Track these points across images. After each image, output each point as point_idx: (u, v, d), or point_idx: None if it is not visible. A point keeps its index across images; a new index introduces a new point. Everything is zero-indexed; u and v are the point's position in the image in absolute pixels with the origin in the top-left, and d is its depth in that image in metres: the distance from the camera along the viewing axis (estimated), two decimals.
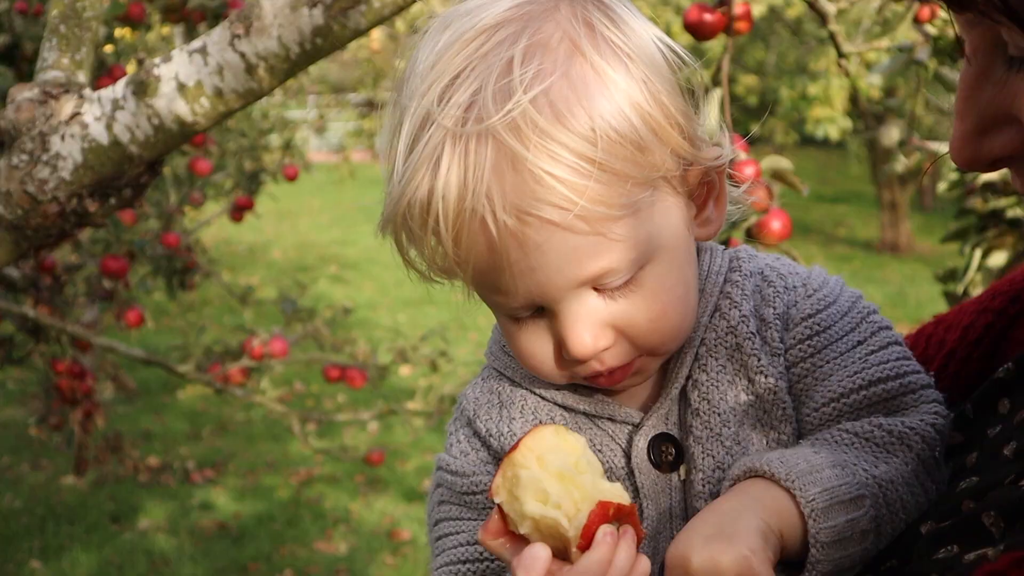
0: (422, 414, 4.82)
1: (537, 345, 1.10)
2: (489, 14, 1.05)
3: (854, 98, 11.36)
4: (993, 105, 0.90)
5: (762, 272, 1.16)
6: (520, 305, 1.07)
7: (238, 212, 6.57)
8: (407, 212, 1.04)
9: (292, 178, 7.24)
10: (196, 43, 1.86)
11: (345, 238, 15.79)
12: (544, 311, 1.08)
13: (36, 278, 4.82)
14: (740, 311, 1.13)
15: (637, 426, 1.15)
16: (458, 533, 1.17)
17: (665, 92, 1.06)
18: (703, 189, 1.14)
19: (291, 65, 1.83)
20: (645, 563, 0.98)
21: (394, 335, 9.09)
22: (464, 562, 1.16)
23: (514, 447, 0.99)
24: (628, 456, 1.15)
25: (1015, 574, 0.83)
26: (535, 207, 0.99)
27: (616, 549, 0.95)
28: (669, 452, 1.13)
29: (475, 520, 1.16)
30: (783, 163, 2.25)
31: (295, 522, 6.41)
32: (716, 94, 2.35)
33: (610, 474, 1.15)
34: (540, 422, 1.17)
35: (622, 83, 1.03)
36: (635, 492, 1.14)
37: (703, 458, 1.12)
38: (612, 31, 1.06)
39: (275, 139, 7.60)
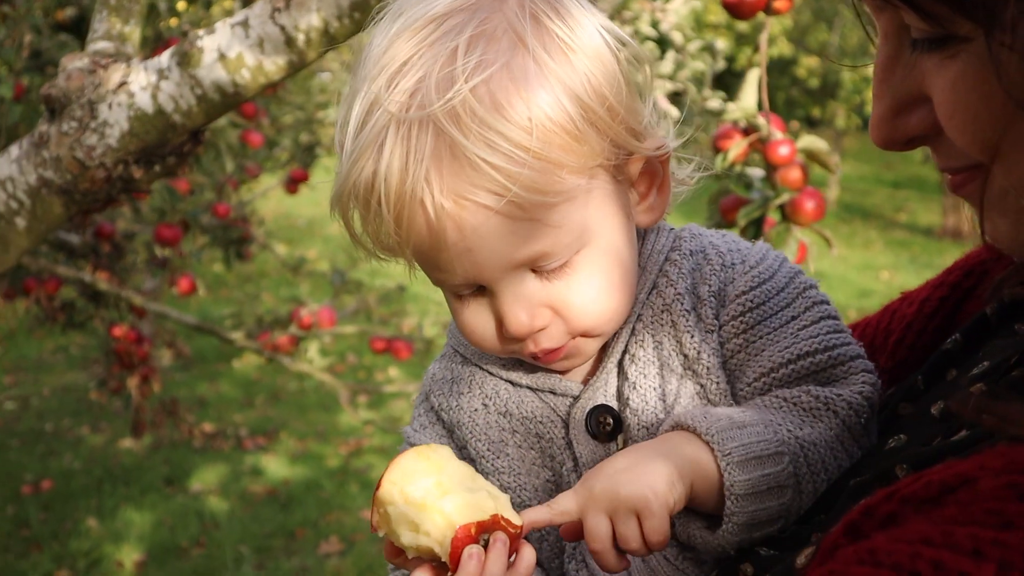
0: None
1: (478, 322, 1.14)
2: (440, 3, 1.08)
3: None
4: (905, 86, 0.93)
5: (704, 250, 1.19)
6: (460, 283, 1.11)
7: (293, 184, 6.65)
8: (353, 191, 1.08)
9: None
10: (238, 16, 1.91)
11: None
12: (484, 289, 1.11)
13: (96, 245, 4.95)
14: (675, 289, 1.16)
15: (576, 398, 1.19)
16: None
17: (607, 84, 1.08)
18: (645, 177, 1.17)
19: (329, 38, 1.87)
20: (528, 554, 1.01)
21: (447, 311, 9.13)
22: None
23: (378, 484, 1.02)
24: (567, 427, 1.19)
25: (887, 506, 0.85)
26: (471, 192, 1.02)
27: (485, 563, 0.98)
28: (607, 423, 1.17)
29: None
30: (818, 143, 2.25)
31: (342, 490, 6.52)
32: (754, 74, 2.35)
33: (551, 445, 1.20)
34: (486, 395, 1.22)
35: (563, 75, 1.06)
36: (574, 462, 1.19)
37: (638, 429, 1.16)
38: (557, 23, 1.08)
39: (332, 113, 7.67)
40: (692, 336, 1.15)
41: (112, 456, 7.10)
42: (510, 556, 1.00)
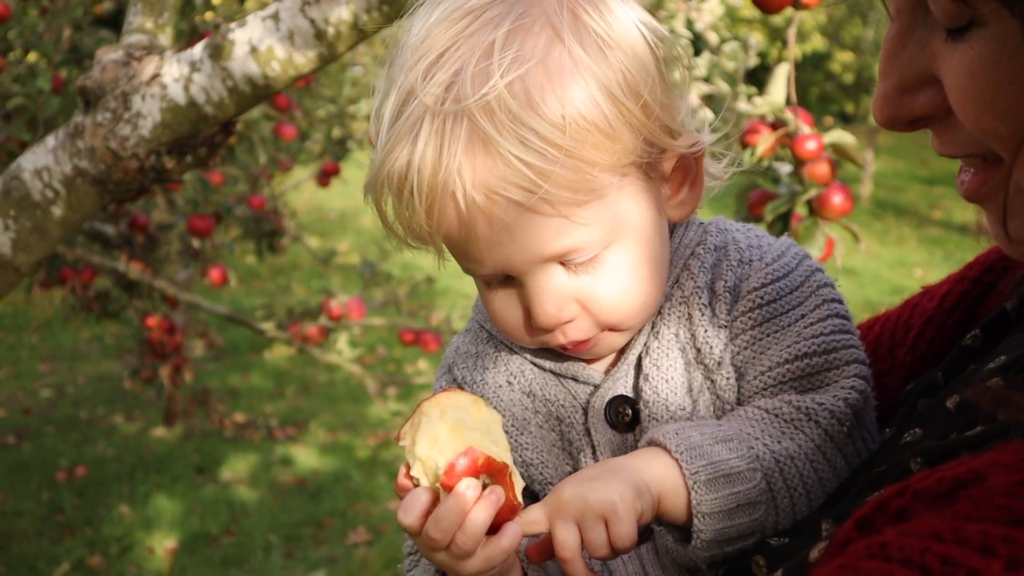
0: None
1: (508, 311, 1.15)
2: None
3: None
4: (914, 65, 0.91)
5: (726, 246, 1.19)
6: (490, 274, 1.12)
7: (325, 177, 6.70)
8: (387, 179, 1.09)
9: None
10: (270, 9, 1.94)
11: None
12: (514, 279, 1.12)
13: (130, 235, 5.01)
14: (695, 283, 1.17)
15: (597, 387, 1.20)
16: None
17: (643, 81, 1.08)
18: (679, 173, 1.17)
19: (359, 31, 1.89)
20: (512, 532, 1.01)
21: (474, 303, 9.16)
22: None
23: (428, 398, 1.05)
24: (587, 414, 1.20)
25: (898, 501, 0.86)
26: (502, 187, 1.03)
27: (476, 503, 0.99)
28: (626, 413, 1.18)
29: None
30: (846, 138, 2.24)
31: (371, 481, 6.56)
32: (782, 68, 2.35)
33: (571, 430, 1.21)
34: (511, 373, 1.24)
35: (598, 72, 1.06)
36: (592, 449, 1.20)
37: (648, 421, 1.17)
38: (594, 19, 1.08)
39: (364, 107, 7.71)
40: (706, 330, 1.15)
41: (145, 444, 7.19)
42: (498, 527, 1.01)
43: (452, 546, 0.99)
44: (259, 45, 1.90)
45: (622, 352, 1.20)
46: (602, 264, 1.10)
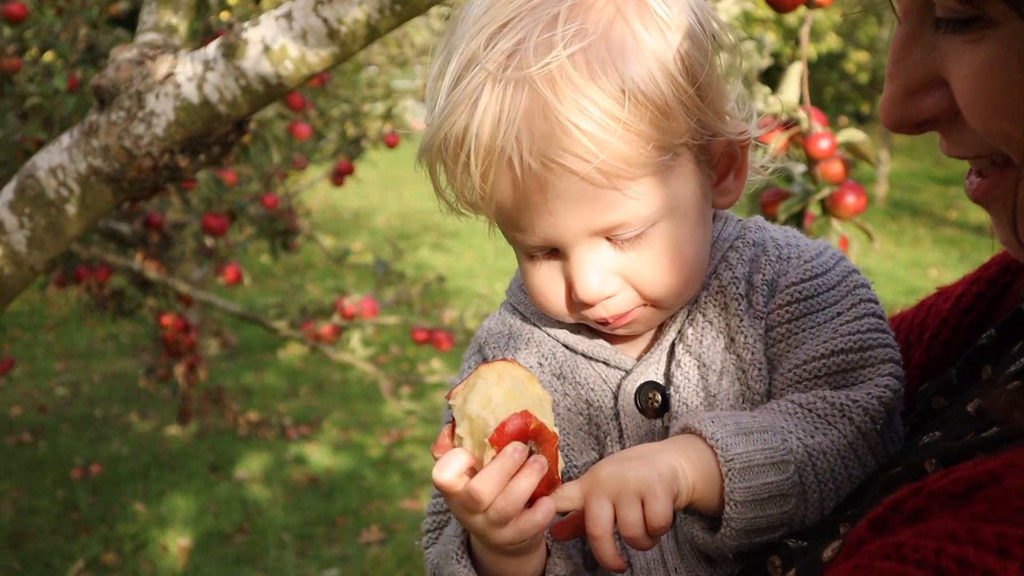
0: None
1: (549, 284, 1.16)
2: None
3: None
4: (922, 67, 0.91)
5: (764, 243, 1.20)
6: (536, 244, 1.13)
7: (339, 177, 6.72)
8: (443, 144, 1.10)
9: (392, 145, 7.36)
10: (283, 8, 1.94)
11: None
12: (558, 252, 1.14)
13: (145, 234, 5.04)
14: (733, 273, 1.18)
15: (628, 372, 1.21)
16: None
17: (699, 65, 1.10)
18: (725, 160, 1.19)
19: (371, 31, 1.90)
20: (547, 507, 1.01)
21: (490, 303, 9.21)
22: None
23: (487, 362, 1.05)
24: (616, 399, 1.21)
25: (913, 501, 0.85)
26: (559, 155, 1.05)
27: (521, 468, 0.99)
28: (655, 399, 1.19)
29: None
30: (859, 136, 2.24)
31: (384, 480, 6.57)
32: (795, 68, 2.34)
33: (599, 414, 1.21)
34: (542, 355, 1.24)
35: (658, 51, 1.08)
36: (619, 434, 1.21)
37: (679, 406, 1.17)
38: (657, 1, 1.10)
39: (379, 107, 7.73)
40: (741, 320, 1.16)
41: (159, 443, 7.22)
42: (533, 500, 1.00)
43: (491, 510, 0.99)
44: (272, 44, 1.91)
45: (655, 338, 1.22)
46: (648, 241, 1.11)
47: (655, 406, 1.19)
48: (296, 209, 6.29)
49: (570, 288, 1.15)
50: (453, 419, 1.04)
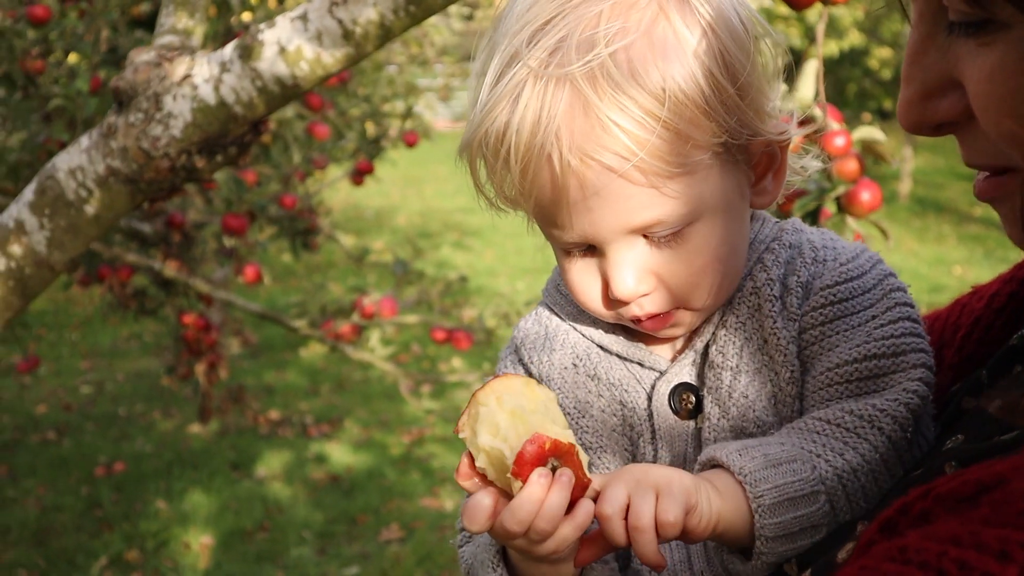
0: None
1: (586, 281, 1.17)
2: None
3: None
4: (937, 70, 0.91)
5: (800, 245, 1.20)
6: (574, 241, 1.14)
7: (359, 176, 6.74)
8: (484, 139, 1.11)
9: (412, 144, 7.38)
10: (298, 10, 1.95)
11: (468, 206, 15.90)
12: (595, 249, 1.14)
13: (166, 234, 5.07)
14: (768, 275, 1.18)
15: (662, 373, 1.21)
16: None
17: (740, 64, 1.11)
18: (764, 160, 1.19)
19: (385, 31, 1.91)
20: (586, 507, 1.01)
21: (509, 302, 9.21)
22: None
23: (481, 387, 1.05)
24: (650, 400, 1.21)
25: (921, 504, 0.85)
26: (598, 152, 1.05)
27: (549, 490, 0.99)
28: (689, 401, 1.19)
29: None
30: (875, 134, 2.23)
31: (404, 478, 6.60)
32: (811, 65, 2.33)
33: (633, 415, 1.22)
34: (577, 356, 1.25)
35: (700, 51, 1.09)
36: (652, 434, 1.21)
37: (711, 407, 1.18)
38: (700, 3, 1.11)
39: (398, 106, 7.75)
40: (775, 322, 1.16)
41: (181, 441, 7.27)
42: (571, 506, 1.01)
43: (530, 532, 1.00)
44: (288, 45, 1.92)
45: (689, 340, 1.22)
46: (684, 240, 1.12)
47: (689, 407, 1.19)
48: (316, 208, 6.32)
49: (607, 285, 1.15)
50: (469, 449, 1.05)
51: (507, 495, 1.01)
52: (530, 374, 1.27)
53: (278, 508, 6.19)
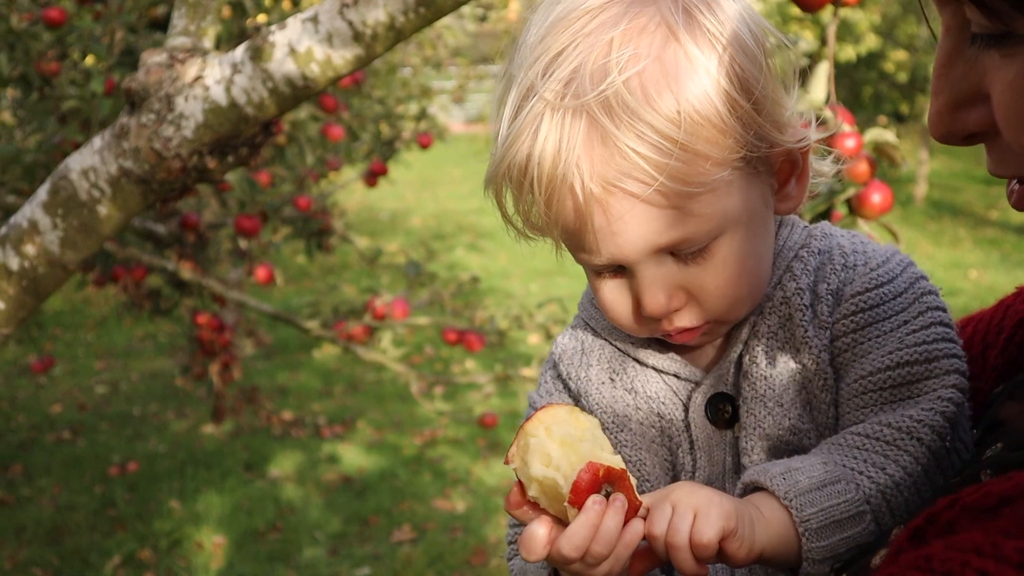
0: (535, 380, 4.93)
1: (618, 300, 1.19)
2: None
3: None
4: (965, 82, 0.92)
5: (830, 251, 1.21)
6: (603, 264, 1.15)
7: (372, 178, 6.76)
8: (507, 172, 1.13)
9: (426, 146, 7.40)
10: (309, 12, 1.97)
11: (482, 208, 15.90)
12: (625, 270, 1.15)
13: (181, 235, 5.10)
14: (797, 284, 1.18)
15: (698, 384, 1.23)
16: None
17: (754, 78, 1.11)
18: (786, 167, 1.19)
19: (396, 33, 1.92)
20: (637, 528, 1.03)
21: (521, 305, 9.21)
22: None
23: (528, 419, 1.07)
24: (687, 410, 1.23)
25: (948, 514, 0.86)
26: (619, 180, 1.07)
27: (604, 515, 1.01)
28: (726, 410, 1.21)
29: None
30: (887, 136, 2.22)
31: (416, 480, 6.60)
32: (823, 67, 2.33)
33: (671, 426, 1.24)
34: (614, 371, 1.27)
35: (712, 69, 1.09)
36: (691, 444, 1.23)
37: (747, 417, 1.19)
38: (708, 18, 1.12)
39: (412, 107, 7.77)
40: (806, 331, 1.17)
41: (195, 441, 7.30)
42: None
43: (586, 556, 1.02)
44: (298, 47, 1.93)
45: (723, 350, 1.23)
46: (711, 254, 1.13)
47: (726, 417, 1.21)
48: (331, 210, 6.34)
49: (638, 303, 1.17)
50: (517, 478, 1.07)
51: (560, 522, 1.04)
52: (568, 390, 1.30)
53: (290, 509, 6.21)
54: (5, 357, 8.73)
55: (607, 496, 1.02)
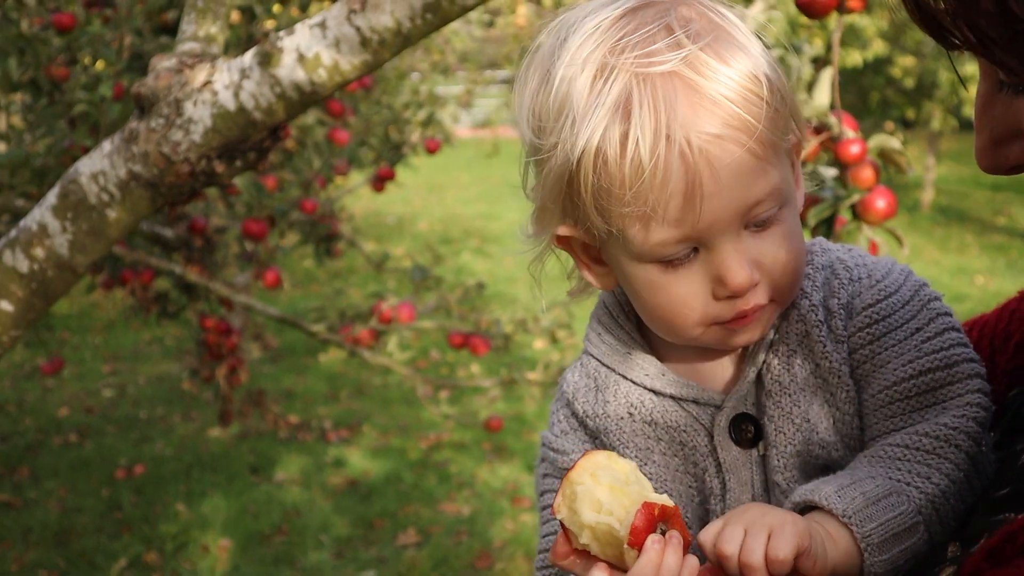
0: (541, 384, 4.94)
1: (692, 289, 1.15)
2: (624, 3, 1.14)
3: None
4: (1003, 122, 0.98)
5: (832, 265, 1.23)
6: (680, 240, 1.12)
7: (379, 182, 6.78)
8: (597, 154, 1.10)
9: (433, 151, 7.42)
10: (317, 17, 1.98)
11: (490, 212, 16.02)
12: (698, 253, 1.14)
13: (188, 238, 5.12)
14: (810, 300, 1.20)
15: (719, 407, 1.23)
16: None
17: (779, 72, 1.16)
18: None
19: (403, 39, 1.93)
20: (693, 562, 1.05)
21: (526, 309, 9.22)
22: None
23: (571, 468, 1.08)
24: (711, 435, 1.23)
25: None
26: (723, 131, 1.09)
27: (664, 553, 1.03)
28: (749, 430, 1.22)
29: None
30: (892, 142, 2.23)
31: (422, 483, 6.62)
32: (827, 73, 2.34)
33: (694, 453, 1.24)
34: (631, 405, 1.26)
35: (755, 53, 1.14)
36: (717, 467, 1.23)
37: (776, 435, 1.20)
38: (732, 20, 1.17)
39: (421, 113, 7.80)
40: (824, 346, 1.19)
41: (201, 444, 7.32)
42: None
43: None
44: (307, 52, 1.95)
45: (739, 371, 1.24)
46: (778, 225, 1.15)
47: (749, 436, 1.22)
48: (338, 214, 6.36)
49: (713, 285, 1.15)
50: (563, 528, 1.08)
51: (616, 566, 1.06)
52: (586, 428, 1.29)
53: (296, 512, 6.22)
54: (12, 360, 8.76)
55: (663, 534, 1.04)
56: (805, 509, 1.11)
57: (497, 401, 7.71)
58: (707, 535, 1.06)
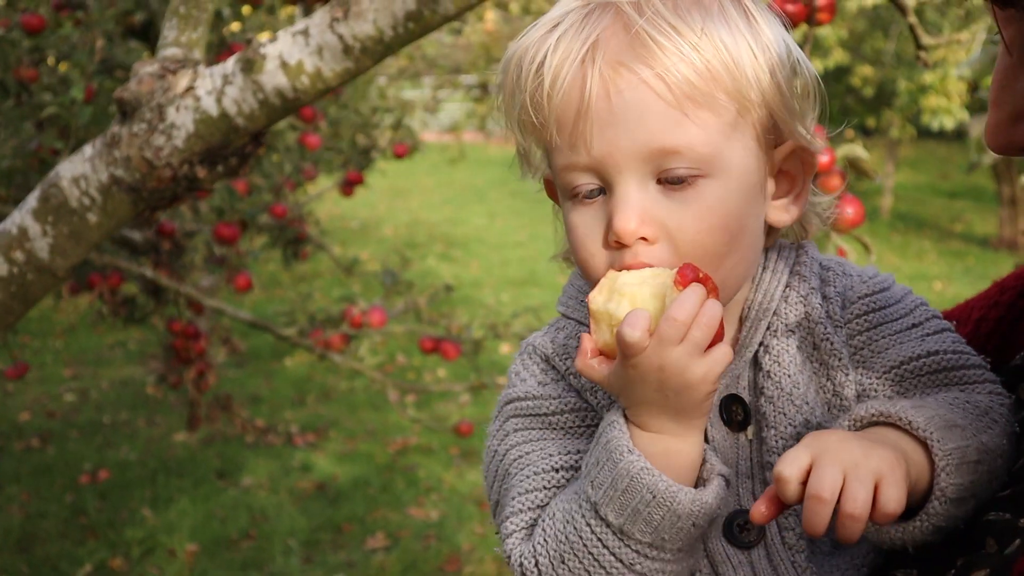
0: None
1: (590, 228, 1.15)
2: None
3: (974, 88, 10.96)
4: None
5: (823, 262, 1.25)
6: (585, 169, 1.13)
7: (348, 187, 6.79)
8: (523, 54, 1.16)
9: (401, 156, 7.44)
10: (299, 25, 2.01)
11: (455, 217, 16.05)
12: (603, 194, 1.14)
13: (157, 242, 5.10)
14: (809, 284, 1.21)
15: None
16: (545, 447, 1.21)
17: (779, 64, 1.15)
18: (787, 178, 1.21)
19: (384, 47, 1.96)
20: (726, 350, 1.06)
21: (495, 313, 9.26)
22: (558, 470, 1.19)
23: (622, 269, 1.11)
24: None
25: None
26: (633, 64, 1.09)
27: (705, 303, 1.04)
28: (738, 412, 1.20)
29: (561, 439, 1.21)
30: (858, 151, 2.29)
31: (390, 488, 6.62)
32: None
33: None
34: None
35: (745, 31, 1.14)
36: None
37: (775, 416, 1.18)
38: (760, 9, 1.18)
39: (387, 118, 7.81)
40: (824, 327, 1.19)
41: (167, 449, 7.27)
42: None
43: (688, 339, 1.03)
44: (289, 60, 1.97)
45: (735, 351, 1.21)
46: (696, 193, 1.11)
47: (738, 419, 1.20)
48: (306, 218, 6.36)
49: (607, 230, 1.13)
50: (591, 318, 1.09)
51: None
52: (568, 384, 1.24)
53: (264, 516, 6.21)
54: None
55: None
56: (870, 423, 1.08)
57: (467, 406, 7.74)
58: (791, 468, 0.99)
